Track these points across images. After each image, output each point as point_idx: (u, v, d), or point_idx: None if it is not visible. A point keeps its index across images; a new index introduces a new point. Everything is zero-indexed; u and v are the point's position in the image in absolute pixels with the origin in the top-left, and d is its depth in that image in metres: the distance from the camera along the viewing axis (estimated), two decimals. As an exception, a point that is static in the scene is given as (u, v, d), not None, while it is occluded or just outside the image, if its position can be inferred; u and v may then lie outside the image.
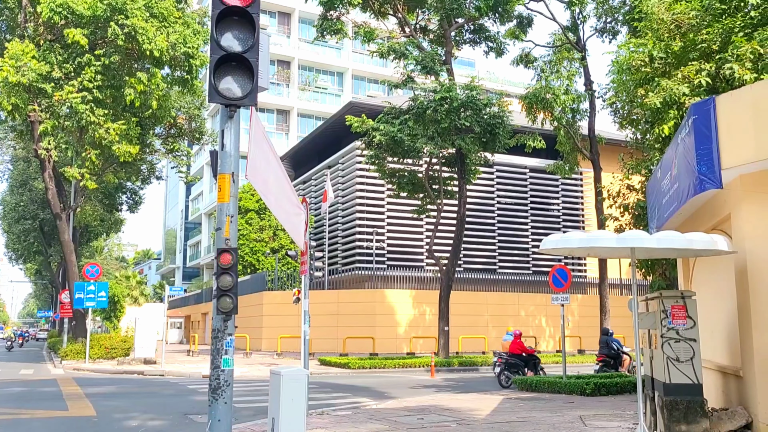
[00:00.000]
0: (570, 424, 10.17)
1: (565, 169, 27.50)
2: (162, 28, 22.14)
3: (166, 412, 12.12)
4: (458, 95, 22.04)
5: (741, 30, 11.23)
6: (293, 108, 56.46)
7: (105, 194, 35.95)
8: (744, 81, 10.23)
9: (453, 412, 11.65)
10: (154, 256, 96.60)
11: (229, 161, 6.46)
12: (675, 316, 8.21)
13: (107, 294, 25.81)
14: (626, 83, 13.45)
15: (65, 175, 25.00)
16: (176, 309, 55.18)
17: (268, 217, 37.95)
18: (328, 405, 13.03)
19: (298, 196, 10.03)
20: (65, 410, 12.38)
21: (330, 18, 25.49)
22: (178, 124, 30.64)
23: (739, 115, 7.78)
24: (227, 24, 6.43)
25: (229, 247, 6.23)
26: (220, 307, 6.14)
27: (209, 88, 6.38)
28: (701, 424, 7.98)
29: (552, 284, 16.80)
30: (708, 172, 7.84)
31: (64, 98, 21.79)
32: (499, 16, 25.75)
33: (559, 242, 8.21)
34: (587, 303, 32.56)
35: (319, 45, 53.76)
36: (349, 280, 33.31)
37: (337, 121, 34.14)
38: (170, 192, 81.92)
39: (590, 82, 26.90)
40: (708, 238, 7.66)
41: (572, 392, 14.41)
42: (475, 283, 32.72)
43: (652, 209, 11.78)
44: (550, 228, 35.53)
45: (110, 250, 78.22)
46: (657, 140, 12.82)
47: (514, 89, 51.75)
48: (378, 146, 23.64)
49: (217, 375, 6.19)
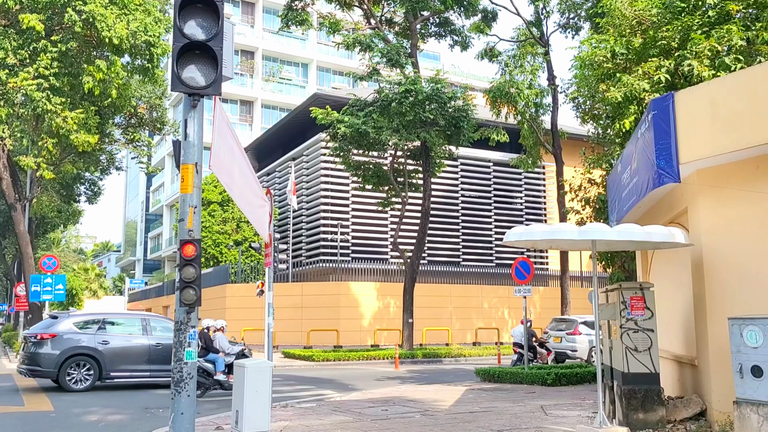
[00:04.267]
0: (531, 413, 10.34)
1: (528, 163, 27.87)
2: (122, 15, 21.60)
3: (127, 407, 11.92)
4: (423, 88, 22.08)
5: (699, 28, 11.50)
6: (257, 99, 55.84)
7: (62, 185, 35.03)
8: (702, 78, 10.48)
9: (417, 403, 11.73)
10: (114, 248, 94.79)
11: (193, 151, 6.37)
12: (634, 307, 8.40)
13: (65, 287, 25.22)
14: (588, 78, 13.66)
15: (20, 164, 24.29)
16: (137, 302, 54.20)
17: (231, 209, 37.53)
18: (293, 397, 12.99)
19: (263, 188, 9.94)
20: (21, 405, 12.08)
21: (295, 8, 25.26)
22: (139, 113, 30.02)
23: (697, 111, 7.97)
24: (190, 11, 6.32)
25: (192, 238, 6.15)
26: (183, 299, 6.05)
27: (172, 76, 6.27)
28: (658, 412, 8.20)
29: (515, 276, 17.02)
30: (666, 166, 8.02)
31: (18, 85, 21.13)
32: (464, 10, 25.87)
33: (523, 235, 8.31)
34: (549, 295, 33.09)
35: (284, 35, 53.15)
36: (314, 272, 33.20)
37: (301, 112, 33.89)
38: (130, 183, 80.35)
39: (553, 77, 27.24)
40: (666, 231, 7.84)
41: (534, 382, 14.65)
42: (439, 276, 32.94)
43: (613, 203, 12.02)
44: (514, 221, 35.94)
45: (68, 242, 76.43)
46: (618, 135, 13.07)
47: (479, 83, 52.11)
48: (343, 138, 23.56)
49: (180, 368, 6.11)
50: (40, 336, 14.35)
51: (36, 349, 14.17)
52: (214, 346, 13.94)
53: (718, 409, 7.84)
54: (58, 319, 15.01)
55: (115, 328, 15.13)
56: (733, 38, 10.77)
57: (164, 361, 14.51)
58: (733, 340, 6.88)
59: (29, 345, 14.43)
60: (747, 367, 6.70)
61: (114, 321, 15.40)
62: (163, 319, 16.29)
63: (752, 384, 6.65)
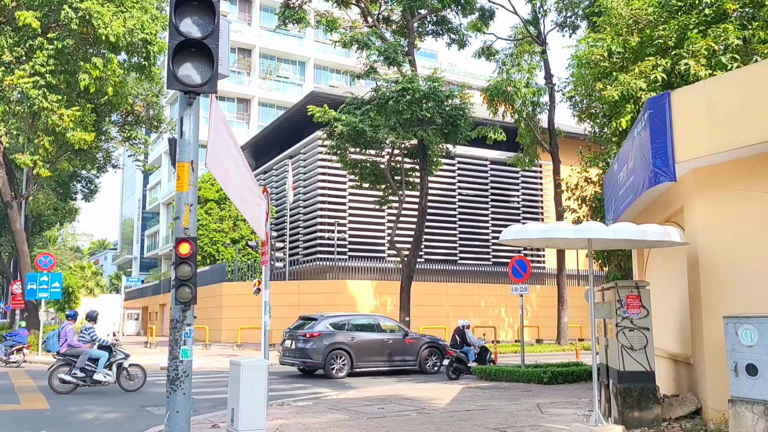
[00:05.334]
0: (527, 411, 10.36)
1: (525, 162, 27.92)
2: (118, 12, 21.57)
3: (123, 405, 11.90)
4: (420, 86, 22.08)
5: (696, 27, 11.52)
6: (254, 97, 55.76)
7: (59, 182, 34.95)
8: (698, 77, 10.50)
9: (413, 402, 11.74)
10: (111, 246, 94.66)
11: (189, 149, 6.36)
12: (629, 305, 8.41)
13: (61, 285, 25.16)
14: (585, 77, 13.69)
15: (17, 162, 24.25)
16: (133, 300, 54.16)
17: (228, 207, 37.49)
18: (289, 395, 12.99)
19: (259, 186, 9.93)
20: (17, 404, 12.05)
21: (292, 6, 25.23)
22: (136, 111, 29.97)
23: (693, 110, 7.98)
24: (187, 9, 6.30)
25: (188, 236, 6.14)
26: (179, 297, 6.05)
27: (168, 74, 6.25)
28: (653, 411, 8.21)
29: (511, 275, 17.02)
30: (663, 165, 8.03)
31: (15, 83, 21.09)
32: (461, 8, 25.86)
33: (519, 233, 8.32)
34: (545, 293, 33.14)
35: (281, 33, 53.22)
36: (311, 270, 33.19)
37: (298, 110, 33.87)
38: (127, 181, 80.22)
39: (550, 76, 27.27)
40: (662, 229, 7.85)
41: (530, 381, 14.67)
42: (436, 274, 32.96)
43: (609, 201, 12.04)
44: (510, 219, 35.98)
45: (64, 240, 76.26)
46: (614, 133, 13.10)
47: (476, 81, 52.15)
48: (340, 136, 23.55)
49: (176, 366, 6.10)
50: (309, 335, 16.95)
51: (306, 345, 16.86)
52: (467, 340, 16.85)
53: (713, 408, 7.86)
54: (318, 320, 17.53)
55: (358, 327, 17.85)
56: (729, 37, 10.79)
57: (393, 353, 17.63)
58: (728, 339, 6.90)
59: (299, 342, 17.05)
60: (742, 366, 6.72)
61: (356, 321, 18.22)
62: (389, 319, 19.50)
63: (747, 382, 6.67)
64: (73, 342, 13.44)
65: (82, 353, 13.21)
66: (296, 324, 18.25)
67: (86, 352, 13.23)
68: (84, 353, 13.20)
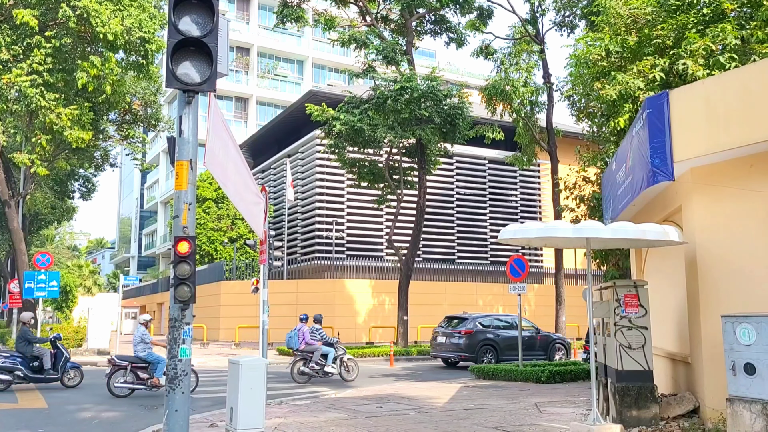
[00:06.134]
0: (526, 410, 10.37)
1: (524, 161, 27.93)
2: (117, 11, 21.51)
3: (121, 403, 11.90)
4: (419, 85, 22.07)
5: (694, 26, 11.52)
6: (252, 96, 55.70)
7: (56, 181, 34.88)
8: (696, 76, 10.51)
9: (412, 400, 11.75)
10: (108, 245, 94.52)
11: (187, 148, 6.35)
12: (628, 304, 8.43)
13: (59, 283, 25.08)
14: (583, 76, 13.69)
15: (14, 160, 24.16)
16: (131, 299, 54.08)
17: (226, 206, 37.45)
18: (287, 394, 12.99)
19: (258, 185, 9.92)
20: (15, 402, 12.04)
21: (290, 5, 25.20)
22: (134, 110, 29.88)
23: (691, 110, 7.99)
24: (185, 8, 6.29)
25: (186, 235, 6.13)
26: (177, 296, 6.04)
27: (166, 72, 6.24)
28: (651, 409, 8.23)
29: (509, 274, 17.04)
30: (661, 164, 8.04)
31: (12, 81, 21.02)
32: (459, 7, 25.85)
33: (517, 232, 8.32)
34: (543, 293, 33.16)
35: (279, 32, 53.18)
36: (309, 269, 33.17)
37: (297, 109, 33.83)
38: (125, 180, 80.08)
39: (548, 75, 27.27)
40: (660, 228, 7.86)
41: (528, 380, 14.69)
42: (434, 273, 32.95)
43: (607, 200, 12.05)
44: (509, 219, 36.00)
45: (62, 238, 76.13)
46: (612, 133, 13.10)
47: (474, 81, 52.11)
48: (338, 135, 23.53)
49: (174, 365, 6.10)
50: (463, 332, 19.43)
51: (461, 341, 19.40)
52: None
53: (711, 407, 7.87)
54: (467, 320, 20.03)
55: (500, 325, 20.35)
56: (727, 37, 10.80)
57: (527, 348, 19.13)
58: (726, 338, 6.91)
59: (454, 338, 19.59)
60: (740, 365, 6.73)
61: (498, 320, 20.72)
62: (524, 319, 20.55)
63: (745, 381, 6.69)
64: (309, 340, 15.59)
65: (315, 350, 15.45)
66: (445, 322, 20.68)
67: (319, 349, 15.44)
68: (317, 350, 15.43)
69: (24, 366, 13.75)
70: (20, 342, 14.07)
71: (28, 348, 13.93)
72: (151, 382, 12.94)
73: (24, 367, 13.74)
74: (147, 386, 12.92)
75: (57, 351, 14.11)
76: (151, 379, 12.95)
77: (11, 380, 13.59)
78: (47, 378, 13.86)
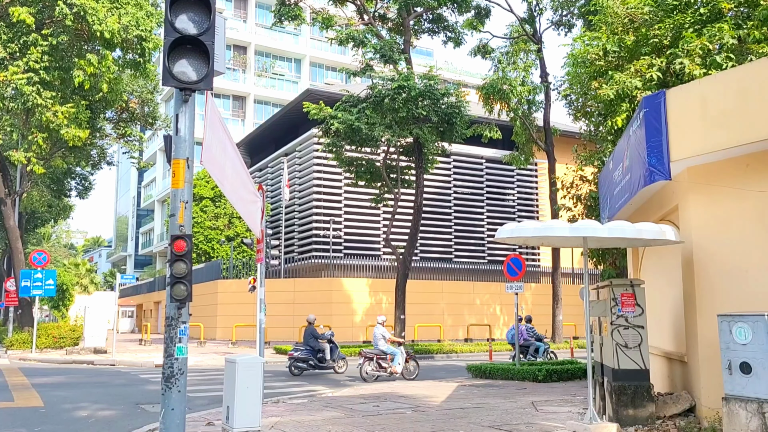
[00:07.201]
0: (522, 409, 10.38)
1: (521, 160, 27.95)
2: (113, 9, 21.47)
3: (118, 402, 11.88)
4: (416, 84, 22.06)
5: (691, 26, 11.54)
6: (249, 94, 55.65)
7: (53, 179, 34.82)
8: (693, 76, 10.52)
9: (408, 399, 11.75)
10: (105, 243, 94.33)
11: (184, 146, 6.33)
12: (624, 303, 8.44)
13: (55, 282, 25.08)
14: (581, 76, 13.71)
15: (10, 159, 24.11)
16: (128, 297, 54.00)
17: (223, 204, 37.42)
18: (284, 393, 12.99)
19: (255, 184, 9.91)
20: (11, 401, 12.01)
21: (288, 3, 25.15)
22: (130, 108, 29.86)
23: (688, 109, 8.00)
24: (182, 6, 6.28)
25: (183, 233, 6.12)
26: (174, 294, 6.03)
27: (163, 70, 6.23)
28: (648, 408, 8.24)
29: (506, 273, 17.05)
30: (658, 164, 8.05)
31: (8, 79, 20.98)
32: (457, 6, 25.83)
33: (515, 231, 8.33)
34: (540, 292, 33.20)
35: (277, 30, 53.08)
36: (306, 268, 33.16)
37: (294, 108, 33.80)
38: (122, 178, 79.93)
39: (546, 74, 27.30)
40: (657, 228, 7.87)
41: (525, 379, 14.70)
42: (431, 272, 32.96)
43: (604, 200, 12.06)
44: (506, 218, 36.02)
45: (58, 237, 76.02)
46: (610, 132, 13.11)
47: (472, 80, 52.14)
48: (335, 134, 23.51)
49: (171, 363, 6.09)
50: None
51: None
52: None
53: (707, 406, 7.89)
54: None
55: None
56: (724, 37, 10.82)
57: None
58: (722, 337, 6.92)
59: None
60: (736, 364, 6.75)
61: None
62: None
63: (741, 380, 6.70)
64: (526, 336, 18.79)
65: (531, 345, 18.73)
66: None
67: (534, 344, 18.69)
68: (532, 345, 18.71)
69: (313, 357, 16.94)
70: (309, 338, 17.10)
71: (315, 343, 17.07)
72: (390, 370, 15.49)
73: (313, 358, 16.93)
74: (387, 373, 15.52)
75: (332, 345, 17.24)
76: (390, 368, 15.50)
77: (305, 368, 16.88)
78: (327, 366, 17.00)
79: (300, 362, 16.93)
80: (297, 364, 16.94)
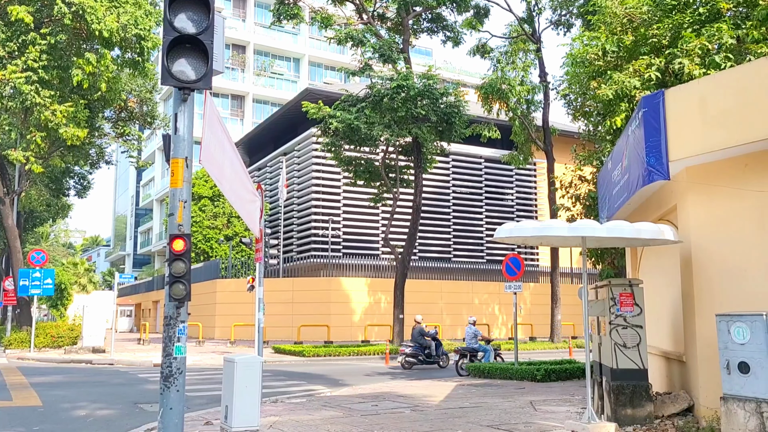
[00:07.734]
0: (521, 409, 10.38)
1: (520, 160, 27.95)
2: (112, 8, 21.44)
3: (116, 402, 11.88)
4: (415, 84, 22.07)
5: (690, 26, 11.54)
6: (248, 93, 55.61)
7: (51, 178, 34.76)
8: (692, 75, 10.52)
9: (407, 399, 11.75)
10: (104, 242, 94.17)
11: (183, 145, 6.33)
12: (623, 303, 8.44)
13: (53, 281, 25.06)
14: (579, 76, 13.70)
15: (9, 158, 24.08)
16: (126, 297, 53.99)
17: (222, 203, 37.41)
18: (283, 393, 12.98)
19: (253, 183, 9.90)
20: (9, 400, 12.00)
21: (287, 2, 25.16)
22: (129, 107, 29.81)
23: (687, 109, 8.00)
24: (181, 5, 6.27)
25: (182, 232, 6.11)
26: (172, 293, 6.02)
27: (162, 70, 6.22)
28: (646, 408, 8.25)
29: (505, 273, 17.05)
30: (656, 163, 8.05)
31: (7, 78, 20.94)
32: (456, 6, 25.85)
33: (513, 231, 8.33)
34: (539, 291, 33.21)
35: (276, 30, 52.97)
36: (305, 267, 33.16)
37: (293, 107, 33.79)
38: (120, 177, 79.84)
39: (545, 74, 27.31)
40: (655, 227, 7.88)
41: (523, 378, 14.71)
42: (430, 272, 32.98)
43: (603, 199, 12.07)
44: (504, 217, 36.03)
45: (57, 236, 75.91)
46: (608, 132, 13.11)
47: (471, 79, 52.17)
48: (334, 133, 23.52)
49: (169, 363, 6.08)
50: None
51: None
52: None
53: (705, 405, 7.89)
54: None
55: None
56: (723, 36, 10.82)
57: None
58: (721, 337, 6.93)
59: None
60: (734, 364, 6.75)
61: None
62: None
63: (739, 380, 6.71)
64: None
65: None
66: None
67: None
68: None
69: (422, 353, 18.50)
70: (417, 336, 18.68)
71: (422, 340, 18.64)
72: None
73: (422, 354, 18.49)
74: None
75: (436, 342, 18.75)
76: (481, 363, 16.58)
77: (414, 362, 18.42)
78: (433, 361, 18.57)
79: (411, 357, 18.50)
80: (408, 359, 18.48)
